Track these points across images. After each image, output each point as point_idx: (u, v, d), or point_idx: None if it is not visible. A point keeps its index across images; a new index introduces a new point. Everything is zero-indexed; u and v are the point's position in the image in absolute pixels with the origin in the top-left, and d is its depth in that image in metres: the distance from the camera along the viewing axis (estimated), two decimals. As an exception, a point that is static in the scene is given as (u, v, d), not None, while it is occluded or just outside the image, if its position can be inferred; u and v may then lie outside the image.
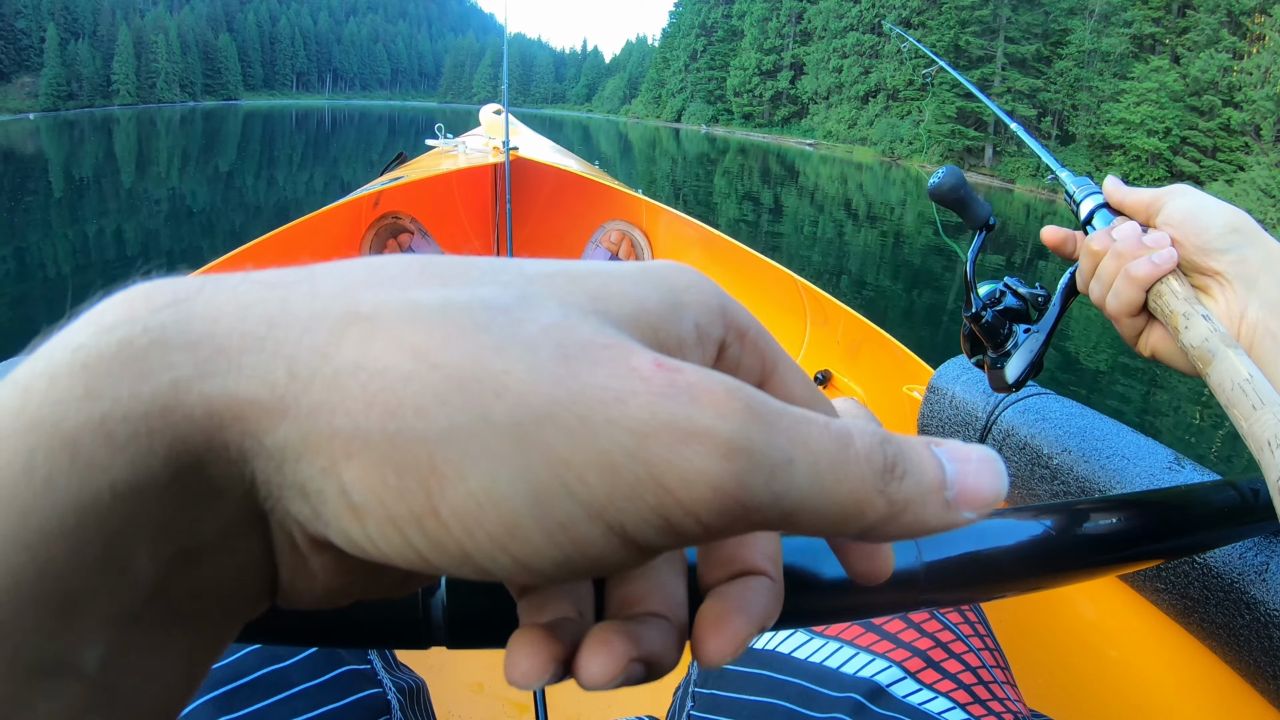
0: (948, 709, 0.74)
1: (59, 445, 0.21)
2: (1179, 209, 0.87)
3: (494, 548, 0.22)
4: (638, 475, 0.22)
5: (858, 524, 0.25)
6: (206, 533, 0.24)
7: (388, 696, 0.82)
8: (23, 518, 0.21)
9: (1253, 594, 0.95)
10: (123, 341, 0.22)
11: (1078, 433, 1.24)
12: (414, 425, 0.22)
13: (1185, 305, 0.81)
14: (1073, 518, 0.55)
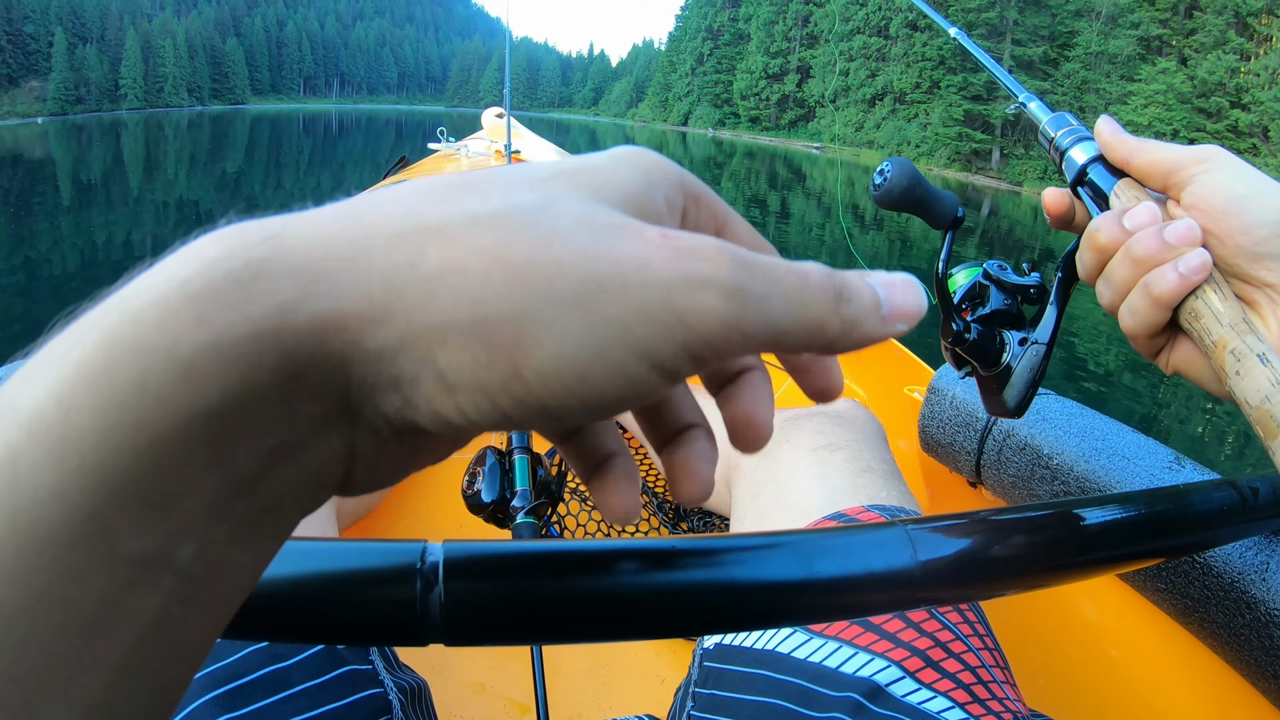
0: (947, 708, 0.74)
1: (173, 367, 0.24)
2: (1215, 191, 0.66)
3: (566, 395, 0.28)
4: (669, 321, 0.27)
5: (821, 340, 0.31)
6: (301, 433, 0.27)
7: (389, 696, 0.83)
8: (136, 429, 0.24)
9: (1253, 593, 0.95)
10: (228, 274, 0.26)
11: (1078, 433, 1.24)
12: (498, 310, 0.27)
13: (1234, 337, 0.62)
14: (1070, 516, 0.54)
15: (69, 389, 0.24)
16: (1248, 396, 0.61)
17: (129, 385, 0.24)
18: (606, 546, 0.43)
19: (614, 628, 0.41)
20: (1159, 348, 0.73)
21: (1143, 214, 0.69)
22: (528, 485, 1.19)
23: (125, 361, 0.24)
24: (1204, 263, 0.65)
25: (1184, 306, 0.67)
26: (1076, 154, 0.78)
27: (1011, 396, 0.82)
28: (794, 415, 1.20)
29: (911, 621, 0.80)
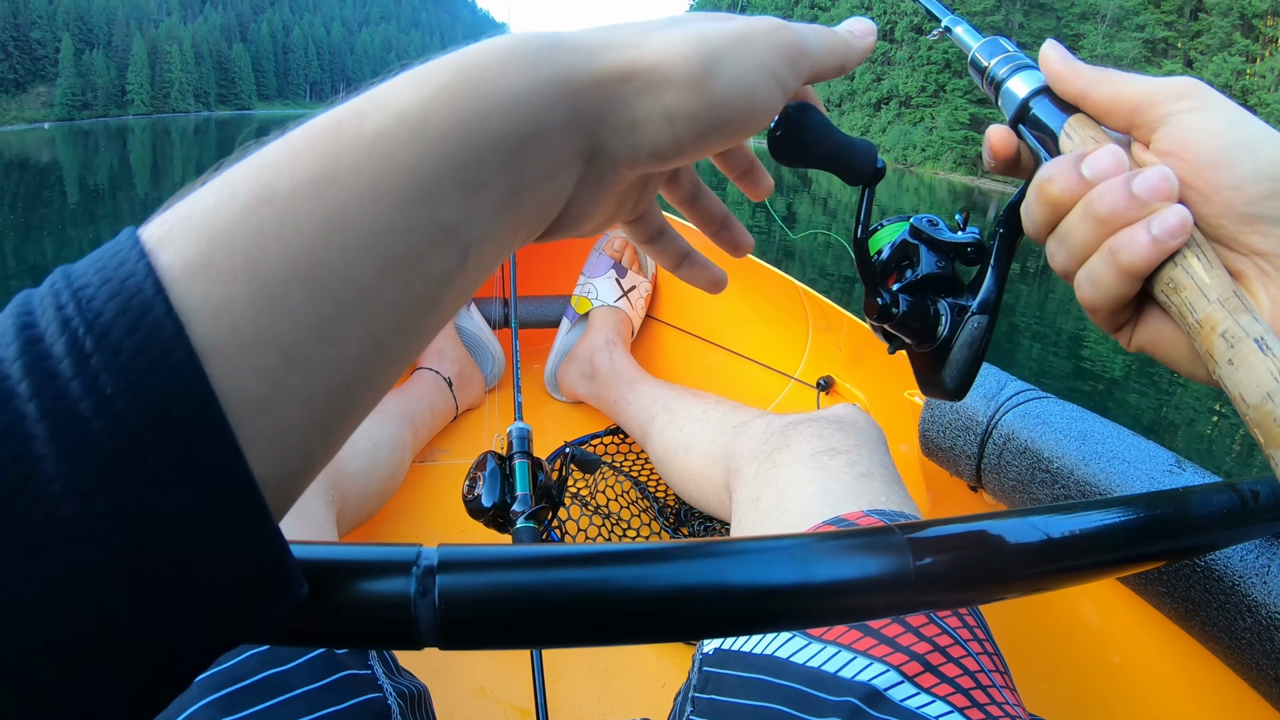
0: (945, 713, 0.74)
1: (506, 94, 0.38)
2: (1198, 136, 0.53)
3: (740, 110, 0.46)
4: (777, 45, 0.49)
5: (838, 59, 0.54)
6: (559, 161, 0.41)
7: (388, 701, 0.83)
8: (472, 130, 0.37)
9: (1254, 597, 0.95)
10: (539, 45, 0.41)
11: (1078, 436, 1.24)
12: (697, 62, 0.44)
13: (1225, 316, 0.50)
14: (1068, 520, 0.54)
15: (430, 97, 0.37)
16: (1243, 392, 0.48)
17: (473, 102, 0.37)
18: (600, 550, 0.43)
19: (609, 631, 0.42)
20: (1122, 321, 0.58)
21: (1106, 159, 0.54)
22: (528, 490, 1.19)
23: (474, 86, 0.37)
24: (1184, 222, 0.51)
25: (1159, 275, 0.53)
26: (1016, 85, 0.65)
27: (950, 376, 0.68)
28: (794, 420, 1.20)
29: (910, 626, 0.80)
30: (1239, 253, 0.53)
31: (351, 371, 0.34)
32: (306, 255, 0.32)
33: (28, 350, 0.29)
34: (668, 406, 1.69)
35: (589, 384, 2.03)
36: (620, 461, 1.87)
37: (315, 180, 0.33)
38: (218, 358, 0.30)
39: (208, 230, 0.32)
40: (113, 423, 0.28)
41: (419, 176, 0.35)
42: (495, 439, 1.85)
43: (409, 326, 0.36)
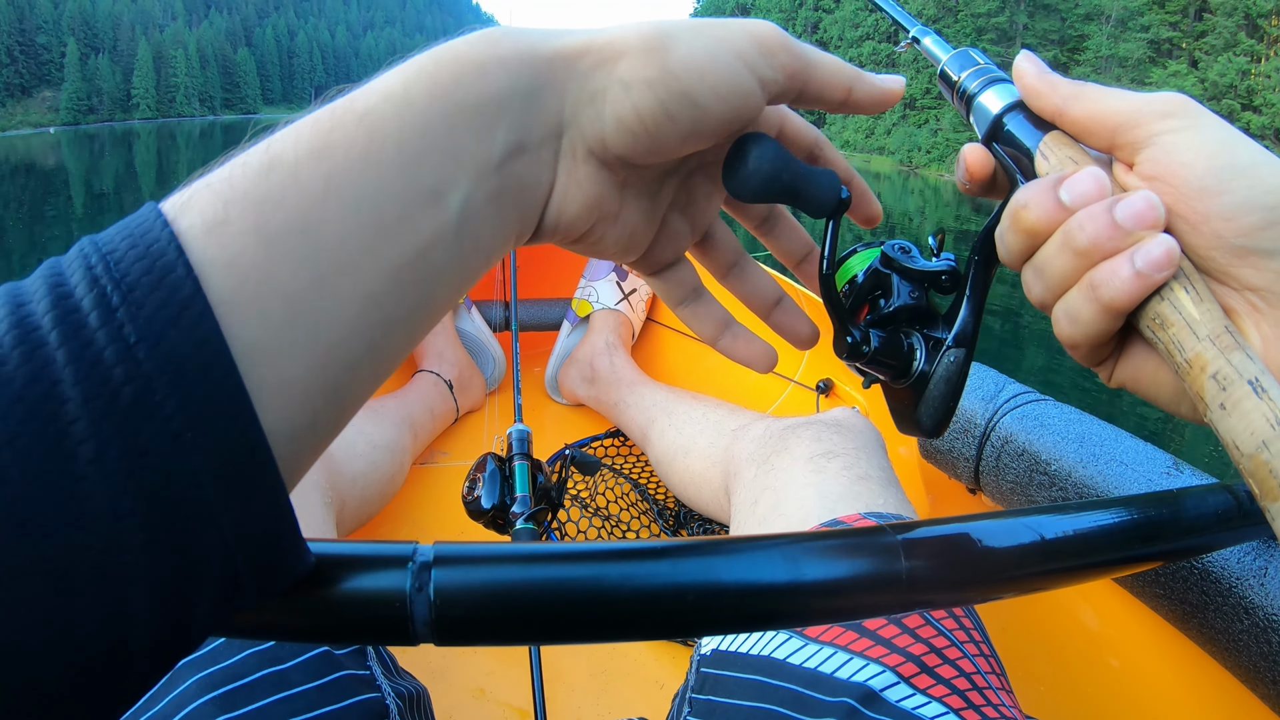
0: (941, 714, 0.74)
1: (475, 68, 0.42)
2: (1187, 159, 0.49)
3: (699, 81, 0.45)
4: (749, 35, 0.48)
5: (842, 79, 0.53)
6: (533, 135, 0.44)
7: (386, 701, 0.83)
8: (447, 101, 0.41)
9: (1251, 598, 0.95)
10: (504, 31, 0.45)
11: (1076, 438, 1.24)
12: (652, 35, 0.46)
13: (1216, 356, 0.46)
14: (1060, 520, 0.54)
15: (410, 78, 0.41)
16: (1237, 439, 0.44)
17: (448, 77, 0.41)
18: (595, 547, 0.44)
19: (604, 628, 0.42)
20: (1104, 356, 0.55)
21: (1086, 183, 0.50)
22: (527, 491, 1.19)
23: (447, 64, 0.42)
24: (1170, 254, 0.47)
25: (1145, 310, 0.49)
26: (989, 100, 0.61)
27: (926, 414, 0.63)
28: (792, 424, 1.20)
29: (907, 627, 0.80)
30: (1229, 286, 0.48)
31: (349, 327, 0.37)
32: (307, 213, 0.36)
33: (58, 304, 0.31)
34: (667, 409, 1.69)
35: (589, 387, 2.03)
36: (620, 464, 1.87)
37: (314, 149, 0.38)
38: (228, 308, 0.33)
39: (224, 194, 0.36)
40: (132, 370, 0.30)
41: (404, 144, 0.39)
42: (495, 441, 1.84)
43: (403, 288, 0.39)
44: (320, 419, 0.38)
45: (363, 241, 0.38)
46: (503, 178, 0.43)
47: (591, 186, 0.48)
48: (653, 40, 0.45)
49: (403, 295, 0.39)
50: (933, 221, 23.36)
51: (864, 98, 0.54)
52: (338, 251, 0.37)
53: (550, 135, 0.45)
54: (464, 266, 0.43)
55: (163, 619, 0.32)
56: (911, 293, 0.65)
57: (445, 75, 0.42)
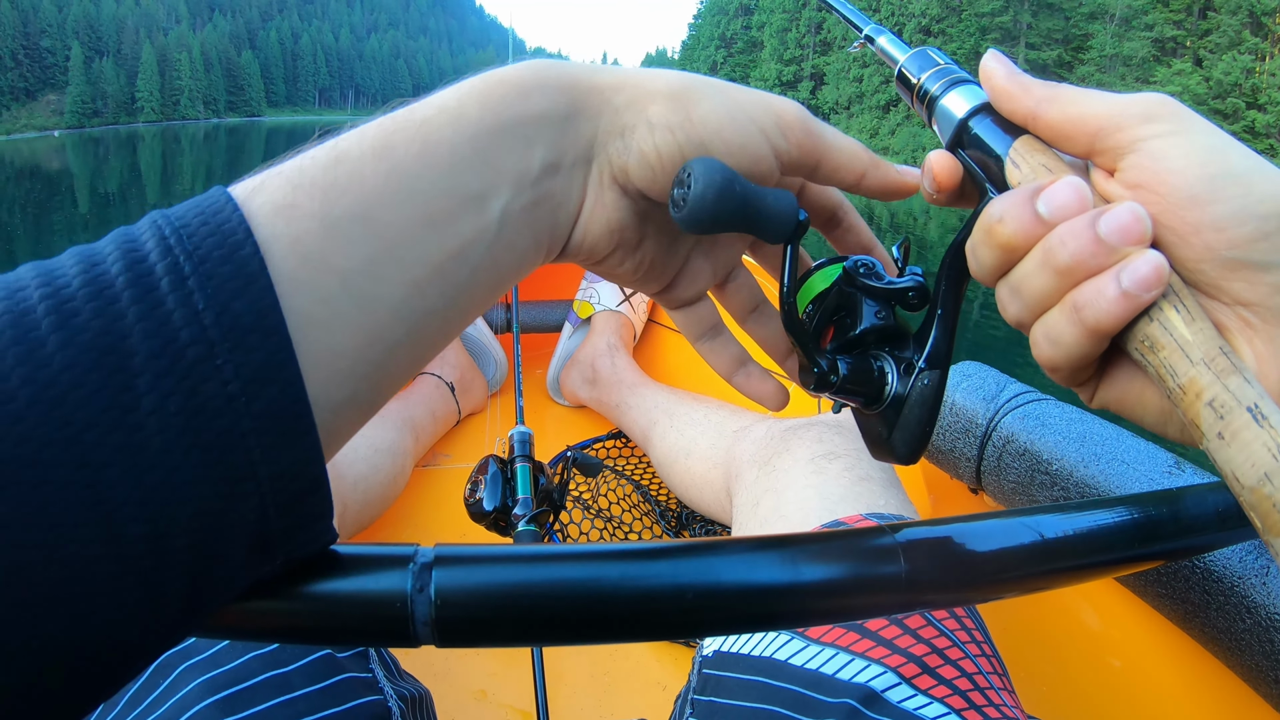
0: (943, 714, 0.73)
1: (520, 90, 0.47)
2: (1174, 166, 0.45)
3: (715, 137, 0.49)
4: (767, 107, 0.52)
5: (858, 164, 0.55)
6: (565, 159, 0.48)
7: (388, 704, 0.83)
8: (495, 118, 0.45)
9: (1253, 598, 0.94)
10: (547, 62, 0.49)
11: (1077, 438, 1.24)
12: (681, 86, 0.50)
13: (1212, 381, 0.43)
14: (1061, 520, 0.54)
15: (465, 95, 0.46)
16: (1237, 471, 0.41)
17: (496, 97, 0.46)
18: (596, 549, 0.44)
19: (604, 629, 0.42)
20: (1085, 378, 0.51)
21: (1066, 194, 0.46)
22: (529, 493, 1.18)
23: (496, 86, 0.46)
24: (1159, 271, 0.43)
25: (1133, 332, 0.46)
26: (953, 103, 0.57)
27: (902, 440, 0.58)
28: (793, 425, 1.20)
29: (908, 628, 0.80)
30: (1219, 301, 0.45)
31: (395, 310, 0.41)
32: (367, 202, 0.41)
33: (132, 266, 0.34)
34: (669, 411, 1.69)
35: (591, 388, 2.03)
36: (622, 465, 1.87)
37: (377, 149, 0.42)
38: (289, 283, 0.37)
39: (294, 180, 0.40)
40: (198, 333, 0.33)
41: (455, 150, 0.44)
42: (497, 443, 1.84)
43: (444, 281, 0.43)
44: (359, 393, 0.41)
45: (413, 233, 0.42)
46: (538, 191, 0.47)
47: (615, 212, 0.51)
48: (681, 91, 0.49)
49: (443, 287, 0.43)
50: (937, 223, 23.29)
51: (876, 185, 0.56)
52: (390, 239, 0.41)
53: (581, 159, 0.49)
54: (498, 269, 0.46)
55: (197, 566, 0.34)
56: (878, 313, 0.60)
57: (495, 95, 0.46)
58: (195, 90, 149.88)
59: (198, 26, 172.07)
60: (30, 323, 0.32)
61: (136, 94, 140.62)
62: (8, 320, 0.32)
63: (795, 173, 0.55)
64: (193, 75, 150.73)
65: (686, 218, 0.48)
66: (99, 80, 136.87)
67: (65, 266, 0.35)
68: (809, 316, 0.61)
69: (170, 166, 40.62)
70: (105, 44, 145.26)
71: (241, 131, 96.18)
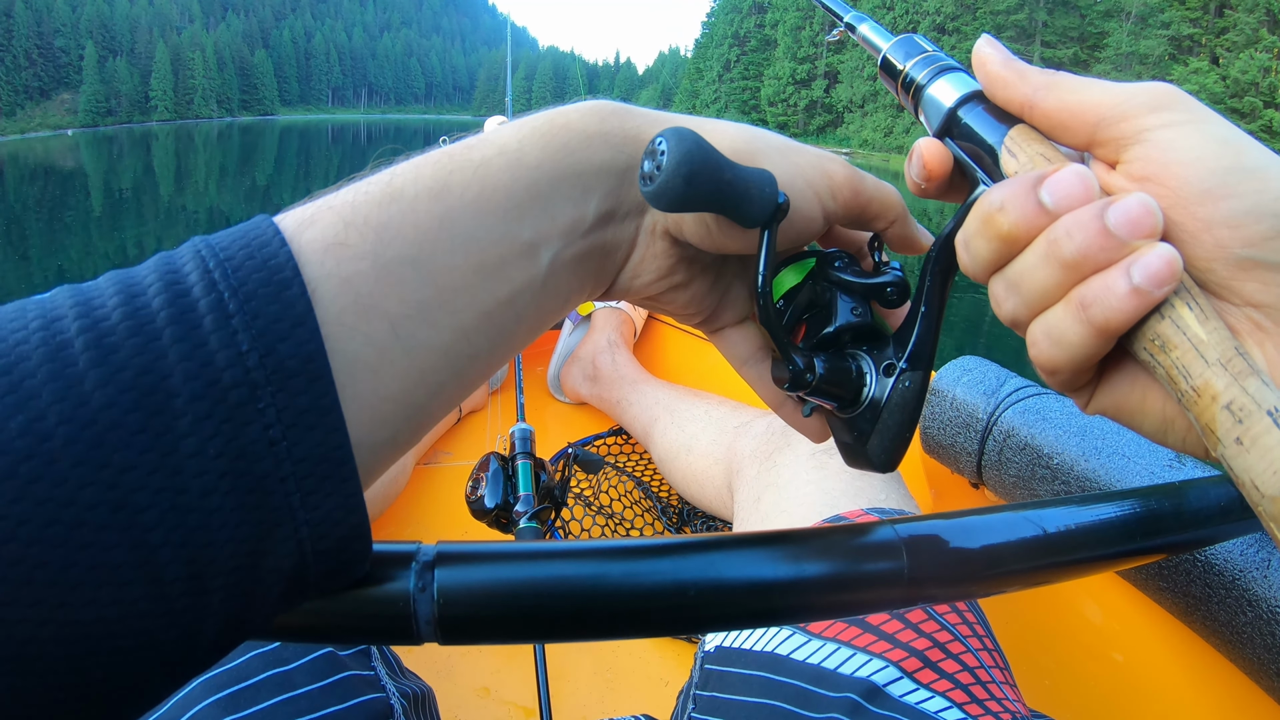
0: (945, 708, 0.74)
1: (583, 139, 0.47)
2: (1184, 159, 0.42)
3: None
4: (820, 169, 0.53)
5: (891, 214, 0.57)
6: (621, 208, 0.49)
7: (390, 701, 0.83)
8: (554, 164, 0.45)
9: (1255, 591, 0.94)
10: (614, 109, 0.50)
11: (1078, 432, 1.24)
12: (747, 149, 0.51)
13: (1229, 384, 0.40)
14: (1061, 514, 0.54)
15: (525, 138, 0.46)
16: (1256, 478, 0.38)
17: (558, 145, 0.46)
18: (597, 546, 0.44)
19: (606, 626, 0.42)
20: (1084, 382, 0.47)
21: (1071, 183, 0.43)
22: (531, 490, 1.19)
23: (559, 132, 0.46)
24: (1172, 267, 0.40)
25: (1141, 331, 0.42)
26: (941, 91, 0.54)
27: (880, 446, 0.54)
28: None
29: (909, 622, 0.80)
30: (1229, 302, 0.42)
31: (442, 356, 0.41)
32: (420, 245, 0.40)
33: (175, 302, 0.34)
34: (669, 407, 1.70)
35: (592, 385, 2.03)
36: (623, 462, 1.88)
37: (433, 189, 0.42)
38: (336, 325, 0.36)
39: (347, 216, 0.39)
40: (241, 376, 0.33)
41: (512, 197, 0.43)
42: (498, 440, 1.85)
43: (491, 329, 0.43)
44: (400, 435, 0.41)
45: (465, 279, 0.42)
46: (590, 241, 0.47)
47: (665, 260, 0.52)
48: (745, 148, 0.50)
49: (490, 333, 0.43)
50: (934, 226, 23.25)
51: (896, 236, 0.58)
52: (442, 285, 0.41)
53: (636, 210, 0.50)
54: (542, 314, 0.47)
55: (232, 608, 0.34)
56: (854, 309, 0.56)
57: (557, 141, 0.46)
58: (209, 89, 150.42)
59: (211, 26, 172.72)
60: (68, 357, 0.32)
61: (150, 93, 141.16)
62: (44, 354, 0.32)
63: (837, 224, 0.57)
64: (206, 74, 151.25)
65: (656, 193, 0.44)
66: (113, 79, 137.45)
67: (105, 295, 0.34)
68: (779, 311, 0.58)
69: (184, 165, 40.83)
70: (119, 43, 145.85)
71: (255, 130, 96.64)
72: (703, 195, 0.45)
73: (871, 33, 0.61)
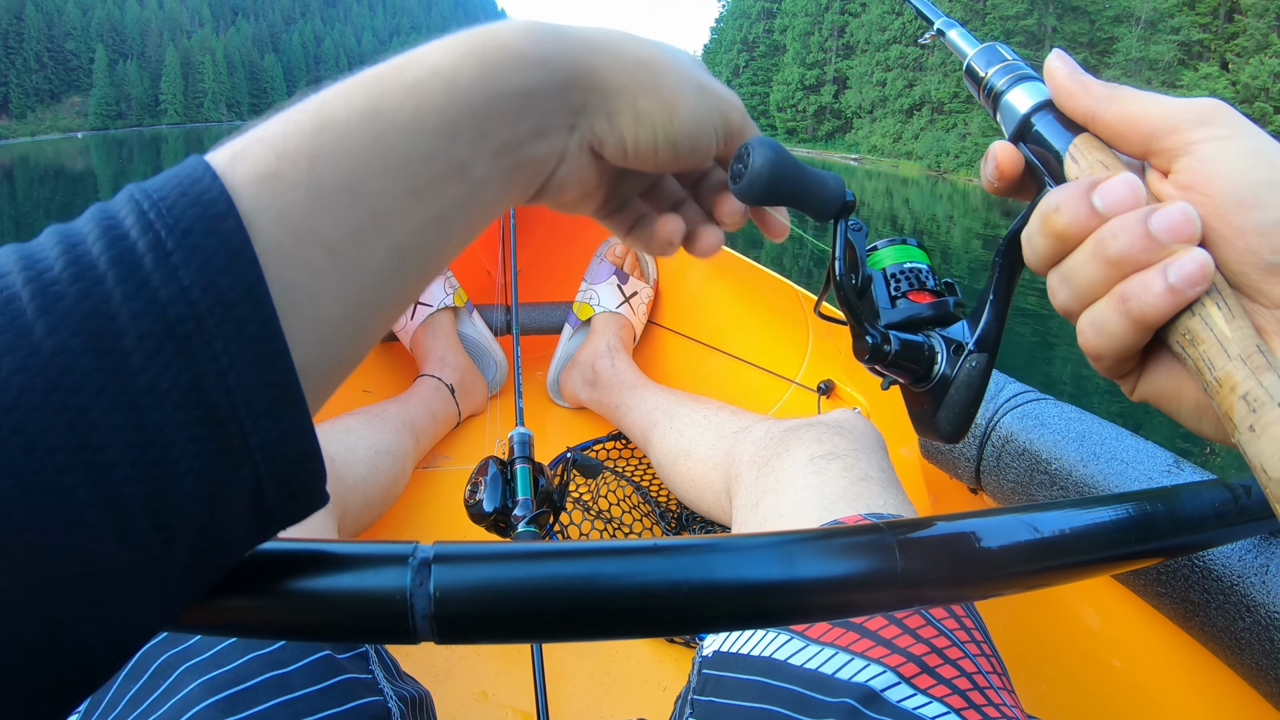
0: (942, 714, 0.73)
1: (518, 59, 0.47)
2: (1224, 170, 0.47)
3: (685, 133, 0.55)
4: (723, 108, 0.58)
5: None
6: (550, 124, 0.50)
7: (388, 705, 0.83)
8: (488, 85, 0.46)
9: (1253, 596, 0.94)
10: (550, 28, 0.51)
11: (1076, 437, 1.24)
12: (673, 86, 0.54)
13: (1247, 376, 0.44)
14: (1058, 516, 0.54)
15: (460, 58, 0.46)
16: (1265, 463, 0.43)
17: (494, 64, 0.46)
18: (593, 546, 0.44)
19: (602, 625, 0.43)
20: (1128, 370, 0.53)
21: (1121, 190, 0.49)
22: (529, 495, 1.19)
23: (495, 52, 0.47)
24: (1204, 269, 0.46)
25: (1175, 325, 0.48)
26: (1017, 98, 0.59)
27: (946, 419, 0.63)
28: (793, 425, 1.20)
29: (907, 627, 0.79)
30: (1261, 304, 0.47)
31: (378, 276, 0.42)
32: (353, 171, 0.41)
33: (114, 245, 0.34)
34: (669, 412, 1.70)
35: (591, 390, 2.03)
36: (622, 467, 1.88)
37: (365, 113, 0.42)
38: (274, 255, 0.37)
39: (278, 148, 0.40)
40: (185, 310, 0.33)
41: (445, 117, 0.44)
42: (497, 444, 1.85)
43: (424, 245, 0.44)
44: (344, 357, 0.42)
45: (398, 201, 0.42)
46: (519, 156, 0.49)
47: (586, 172, 0.55)
48: (668, 93, 0.54)
49: (423, 250, 0.45)
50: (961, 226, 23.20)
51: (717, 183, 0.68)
52: (375, 208, 0.41)
53: (565, 125, 0.51)
54: (471, 226, 0.48)
55: (199, 544, 0.35)
56: (923, 306, 0.66)
57: (491, 63, 0.46)
58: (218, 93, 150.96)
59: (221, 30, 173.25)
60: (16, 309, 0.32)
61: (160, 96, 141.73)
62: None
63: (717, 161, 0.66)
64: (216, 78, 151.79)
65: (743, 190, 0.59)
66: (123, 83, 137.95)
67: (46, 249, 0.35)
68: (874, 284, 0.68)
69: (194, 169, 40.83)
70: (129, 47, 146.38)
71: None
72: (779, 193, 0.59)
73: (959, 39, 0.67)
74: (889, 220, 23.68)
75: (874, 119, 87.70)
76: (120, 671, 0.76)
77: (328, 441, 1.44)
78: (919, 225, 23.95)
